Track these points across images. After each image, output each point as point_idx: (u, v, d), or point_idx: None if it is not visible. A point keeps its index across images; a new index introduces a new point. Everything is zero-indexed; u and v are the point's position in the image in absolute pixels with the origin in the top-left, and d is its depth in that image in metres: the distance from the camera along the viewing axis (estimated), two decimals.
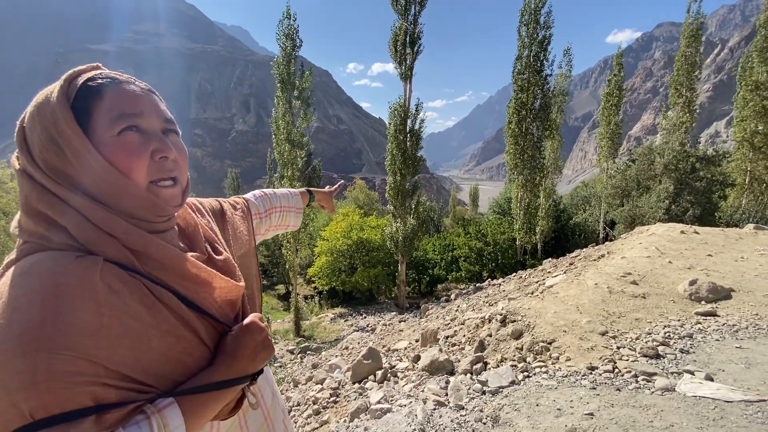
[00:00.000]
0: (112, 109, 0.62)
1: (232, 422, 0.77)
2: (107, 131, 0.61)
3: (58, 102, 0.60)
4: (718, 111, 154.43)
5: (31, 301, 0.52)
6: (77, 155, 0.60)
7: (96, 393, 0.53)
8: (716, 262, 4.87)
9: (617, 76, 19.43)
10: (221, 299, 0.71)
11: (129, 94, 0.64)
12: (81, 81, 0.62)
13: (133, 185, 0.63)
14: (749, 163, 15.92)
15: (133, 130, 0.63)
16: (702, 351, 3.00)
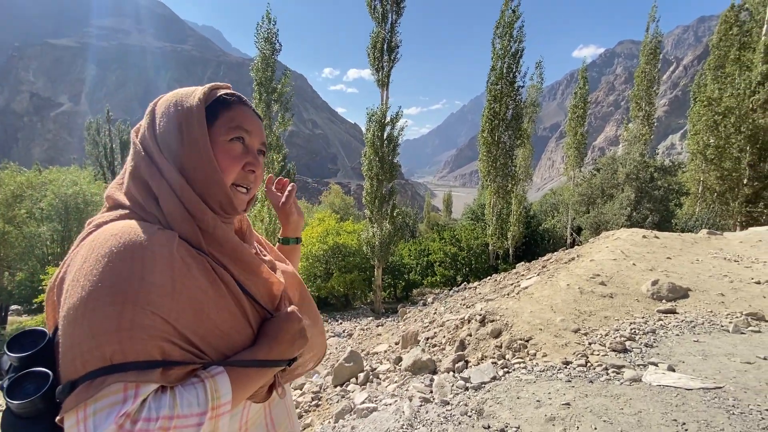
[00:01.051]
0: (233, 120, 0.77)
1: (258, 409, 0.82)
2: (223, 135, 0.76)
3: (198, 103, 0.75)
4: (674, 124, 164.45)
5: (123, 259, 0.60)
6: (194, 144, 0.73)
7: (165, 348, 0.60)
8: (675, 264, 5.24)
9: (582, 89, 20.46)
10: (265, 289, 0.79)
11: (248, 113, 0.80)
12: (219, 93, 0.78)
13: (222, 183, 0.76)
14: (702, 173, 17.09)
15: (240, 141, 0.78)
16: (664, 345, 3.25)
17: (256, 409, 0.81)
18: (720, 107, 15.83)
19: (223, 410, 0.63)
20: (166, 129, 0.74)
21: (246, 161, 0.79)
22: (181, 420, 0.58)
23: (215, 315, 0.68)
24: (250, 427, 0.79)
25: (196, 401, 0.60)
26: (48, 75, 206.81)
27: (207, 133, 0.74)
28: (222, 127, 0.76)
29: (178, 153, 0.73)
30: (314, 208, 27.62)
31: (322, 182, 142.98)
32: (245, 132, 0.78)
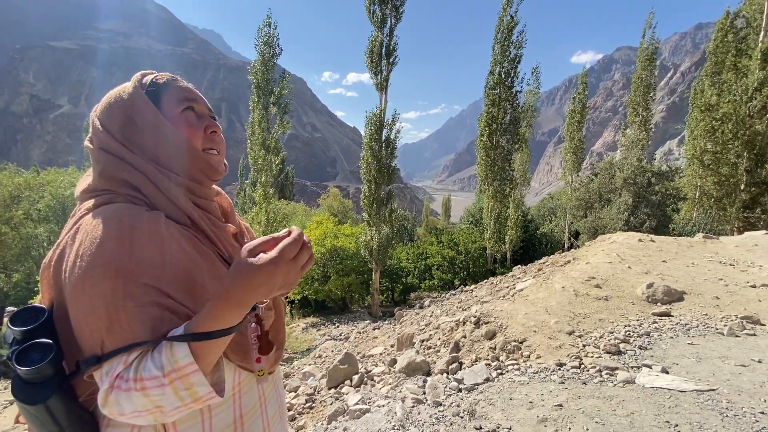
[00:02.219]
0: (177, 95, 0.82)
1: (251, 388, 0.84)
2: (174, 109, 0.81)
3: (134, 91, 0.79)
4: (672, 130, 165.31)
5: (114, 239, 0.66)
6: (152, 126, 0.77)
7: (156, 314, 0.66)
8: (670, 267, 5.24)
9: (581, 94, 20.54)
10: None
11: (186, 86, 0.85)
12: (149, 78, 0.82)
13: (193, 148, 0.81)
14: (699, 179, 17.14)
15: (191, 110, 0.83)
16: (658, 347, 3.24)
17: (250, 391, 0.83)
18: (717, 113, 15.92)
19: (187, 371, 0.62)
20: (119, 124, 0.78)
21: (205, 124, 0.83)
22: (145, 382, 0.62)
23: (210, 284, 0.73)
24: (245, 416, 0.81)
25: (155, 365, 0.63)
26: (48, 77, 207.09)
27: (159, 113, 0.79)
28: (169, 103, 0.81)
29: (142, 142, 0.78)
30: (312, 211, 27.59)
31: (321, 185, 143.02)
32: (191, 101, 0.83)
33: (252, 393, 0.84)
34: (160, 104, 0.80)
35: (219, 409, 0.78)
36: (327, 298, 15.92)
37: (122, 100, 0.79)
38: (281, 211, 13.80)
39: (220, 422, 0.77)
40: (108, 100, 0.80)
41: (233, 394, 0.80)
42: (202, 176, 0.82)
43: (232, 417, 0.80)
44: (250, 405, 0.83)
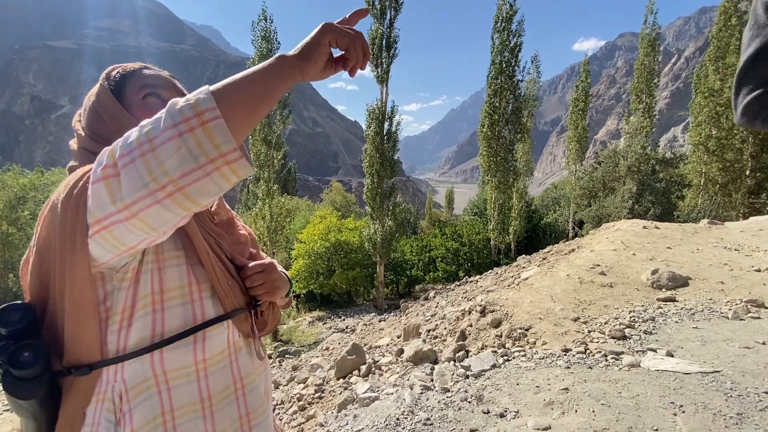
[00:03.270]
0: (139, 81, 0.80)
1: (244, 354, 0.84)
2: (134, 96, 0.79)
3: (99, 85, 0.80)
4: (676, 117, 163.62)
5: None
6: (113, 117, 0.77)
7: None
8: (675, 253, 5.25)
9: (584, 82, 20.36)
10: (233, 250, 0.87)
11: (152, 72, 0.83)
12: (117, 71, 0.82)
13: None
14: (704, 165, 17.02)
15: (154, 96, 0.80)
16: (663, 332, 3.27)
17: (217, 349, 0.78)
18: (722, 98, 15.75)
19: (208, 116, 0.56)
20: (89, 120, 0.79)
21: None
22: (156, 140, 0.56)
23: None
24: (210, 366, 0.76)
25: (168, 116, 0.58)
26: (48, 77, 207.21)
27: (116, 100, 0.78)
28: (130, 92, 0.80)
29: (103, 132, 0.77)
30: (315, 206, 27.66)
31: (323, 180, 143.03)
32: (156, 87, 0.81)
33: (246, 361, 0.83)
34: (123, 94, 0.79)
35: (178, 381, 0.73)
36: (332, 291, 16.03)
37: (91, 96, 0.80)
38: (285, 207, 13.84)
39: (183, 396, 0.73)
40: (85, 103, 0.81)
41: (229, 353, 0.79)
42: None
43: (231, 379, 0.79)
44: (247, 370, 0.82)
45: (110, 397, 0.69)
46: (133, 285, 0.69)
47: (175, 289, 0.72)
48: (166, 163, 0.54)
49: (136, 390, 0.69)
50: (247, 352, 0.84)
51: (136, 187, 0.54)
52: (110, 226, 0.58)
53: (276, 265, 0.90)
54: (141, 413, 0.69)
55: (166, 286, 0.71)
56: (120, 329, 0.68)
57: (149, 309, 0.70)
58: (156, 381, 0.70)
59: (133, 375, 0.69)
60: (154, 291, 0.70)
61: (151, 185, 0.54)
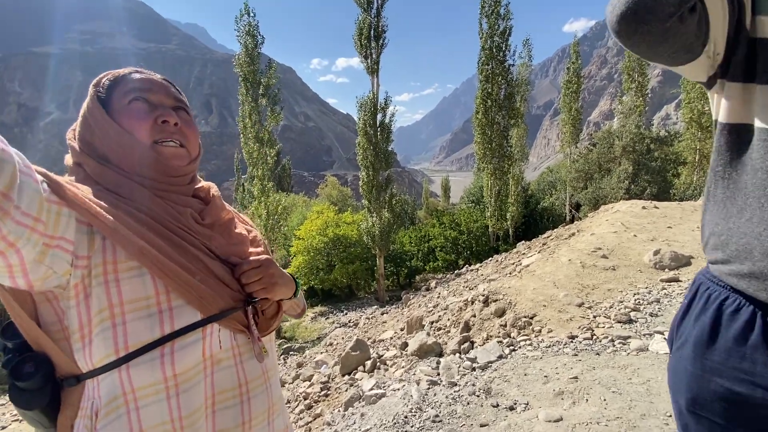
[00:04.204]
0: (125, 86, 0.77)
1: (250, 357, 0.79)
2: (120, 101, 0.76)
3: (90, 92, 0.77)
4: (668, 95, 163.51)
5: None
6: (98, 124, 0.74)
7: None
8: (676, 233, 5.22)
9: (575, 63, 20.21)
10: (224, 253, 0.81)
11: (141, 76, 0.79)
12: (106, 78, 0.79)
13: (137, 143, 0.74)
14: (698, 142, 17.01)
15: (140, 100, 0.76)
16: (669, 313, 3.24)
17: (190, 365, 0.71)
18: None
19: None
20: (80, 129, 0.77)
21: (156, 115, 0.76)
22: None
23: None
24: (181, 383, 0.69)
25: None
26: (34, 84, 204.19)
27: (101, 107, 0.75)
28: (118, 96, 0.76)
29: (92, 142, 0.75)
30: (312, 202, 27.54)
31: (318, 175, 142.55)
32: (143, 91, 0.77)
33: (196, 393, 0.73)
34: (111, 99, 0.76)
35: (147, 400, 0.68)
36: (333, 286, 16.02)
37: (83, 106, 0.78)
38: (280, 204, 13.75)
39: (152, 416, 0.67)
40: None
41: (204, 368, 0.72)
42: (154, 173, 0.75)
43: (203, 396, 0.72)
44: (222, 386, 0.75)
45: (88, 414, 0.68)
46: (84, 301, 0.66)
47: (138, 300, 0.67)
48: None
49: (107, 408, 0.67)
50: (229, 365, 0.76)
51: None
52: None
53: (273, 262, 0.86)
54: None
55: (126, 297, 0.67)
56: (83, 347, 0.66)
57: (108, 324, 0.65)
58: (125, 399, 0.67)
59: (106, 392, 0.67)
60: (113, 304, 0.66)
61: None
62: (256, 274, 0.80)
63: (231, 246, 0.83)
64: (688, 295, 0.72)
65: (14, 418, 7.48)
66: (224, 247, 0.81)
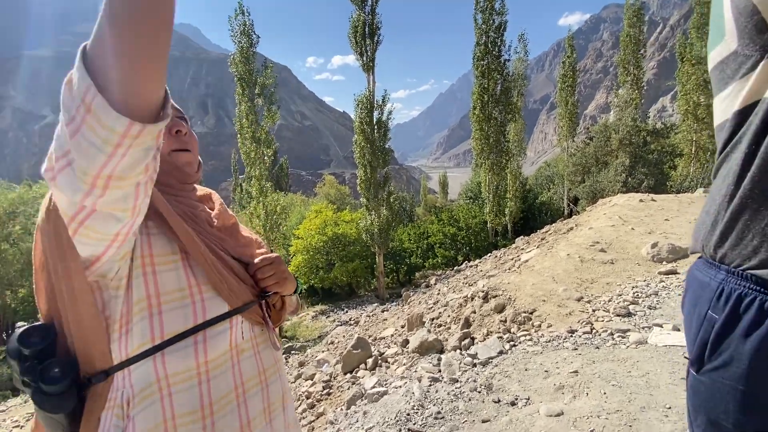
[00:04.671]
0: None
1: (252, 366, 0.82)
2: None
3: None
4: (664, 87, 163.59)
5: None
6: None
7: None
8: (673, 225, 5.25)
9: (570, 57, 20.18)
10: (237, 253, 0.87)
11: None
12: None
13: (163, 152, 0.78)
14: (694, 133, 17.05)
15: None
16: (667, 305, 3.27)
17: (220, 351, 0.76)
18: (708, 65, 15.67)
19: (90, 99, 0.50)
20: None
21: (169, 126, 0.82)
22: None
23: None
24: (211, 369, 0.75)
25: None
26: (28, 88, 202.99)
27: None
28: None
29: None
30: (310, 201, 27.52)
31: (316, 174, 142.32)
32: None
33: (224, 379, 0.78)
34: None
35: (180, 387, 0.72)
36: (333, 285, 16.03)
37: None
38: (279, 204, 13.73)
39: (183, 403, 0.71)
40: None
41: (231, 356, 0.78)
42: (170, 179, 0.80)
43: (233, 384, 0.77)
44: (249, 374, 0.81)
45: (119, 403, 0.70)
46: (126, 291, 0.69)
47: (173, 292, 0.72)
48: (82, 164, 0.51)
49: (141, 395, 0.70)
50: (250, 354, 0.83)
51: (73, 189, 0.53)
52: (84, 221, 0.58)
53: (282, 259, 0.94)
54: (143, 421, 0.69)
55: (162, 289, 0.71)
56: (120, 337, 0.69)
57: (145, 313, 0.70)
58: (159, 386, 0.70)
59: (138, 380, 0.70)
60: (150, 295, 0.70)
61: (82, 187, 0.53)
62: (270, 269, 0.87)
63: (240, 247, 0.89)
64: (719, 306, 0.61)
65: (15, 425, 7.49)
66: (234, 249, 0.87)
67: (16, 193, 19.55)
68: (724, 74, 0.61)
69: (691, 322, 0.65)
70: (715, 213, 0.63)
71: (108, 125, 0.49)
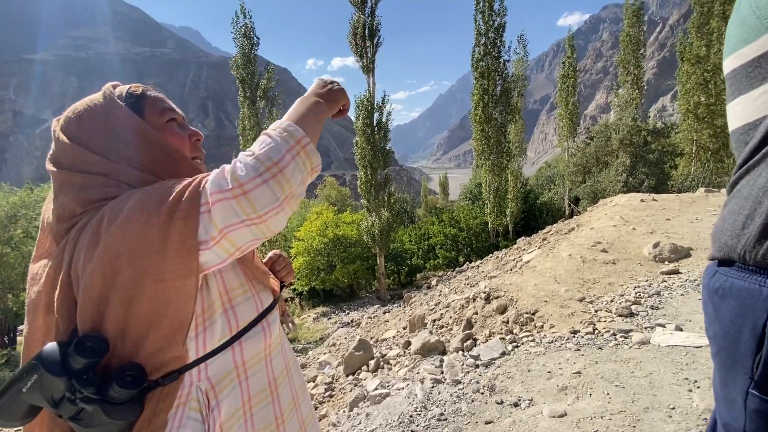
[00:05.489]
0: (156, 105, 0.83)
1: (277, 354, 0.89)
2: (158, 120, 0.82)
3: (110, 101, 0.78)
4: (664, 86, 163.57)
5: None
6: (136, 135, 0.77)
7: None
8: (674, 225, 5.24)
9: (570, 58, 20.20)
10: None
11: (161, 95, 0.87)
12: (123, 89, 0.83)
13: (185, 158, 0.83)
14: (695, 133, 17.03)
15: (173, 120, 0.85)
16: (670, 305, 3.26)
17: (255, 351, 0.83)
18: (708, 65, 15.68)
19: (305, 142, 0.73)
20: (101, 138, 0.76)
21: (189, 133, 0.86)
22: (280, 163, 0.70)
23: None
24: (249, 368, 0.81)
25: (276, 148, 0.71)
26: (29, 92, 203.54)
27: (144, 122, 0.79)
28: (153, 114, 0.82)
29: (128, 153, 0.76)
30: (310, 202, 27.52)
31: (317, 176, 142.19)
32: (172, 111, 0.85)
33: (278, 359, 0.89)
34: (143, 115, 0.81)
35: (253, 369, 0.81)
36: (334, 286, 16.02)
37: (97, 111, 0.77)
38: None
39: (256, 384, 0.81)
40: (77, 113, 0.77)
41: (281, 339, 0.90)
42: None
43: (284, 362, 0.89)
44: (289, 353, 0.94)
45: (195, 397, 0.73)
46: (203, 290, 0.74)
47: (237, 288, 0.81)
48: (291, 180, 0.69)
49: (221, 384, 0.75)
50: (284, 336, 0.97)
51: (269, 201, 0.66)
52: (230, 233, 0.66)
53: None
54: (227, 405, 0.75)
55: (229, 286, 0.79)
56: (197, 335, 0.73)
57: (221, 309, 0.76)
58: (237, 373, 0.77)
59: (217, 371, 0.75)
60: (221, 292, 0.77)
61: (280, 197, 0.67)
62: (283, 261, 1.03)
63: None
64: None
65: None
66: None
67: (17, 196, 19.59)
68: (763, 69, 0.56)
69: (739, 336, 0.57)
70: (750, 209, 0.56)
71: (312, 160, 0.74)
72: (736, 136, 0.61)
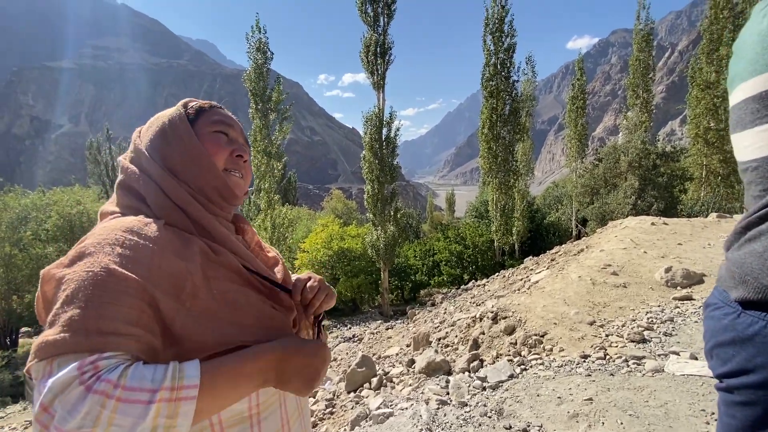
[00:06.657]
0: (213, 117, 0.85)
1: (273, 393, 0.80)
2: (206, 128, 0.83)
3: (178, 110, 0.84)
4: (673, 110, 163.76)
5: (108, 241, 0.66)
6: (180, 140, 0.80)
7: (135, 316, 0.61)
8: (686, 249, 5.15)
9: (580, 80, 20.34)
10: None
11: (226, 113, 0.89)
12: (194, 104, 0.86)
13: (214, 165, 0.81)
14: (704, 157, 16.93)
15: (222, 133, 0.85)
16: (683, 333, 3.17)
17: (270, 393, 0.79)
18: (718, 90, 15.69)
19: (185, 394, 0.57)
20: (153, 137, 0.81)
21: (233, 147, 0.85)
22: (126, 392, 0.54)
23: (202, 292, 0.69)
24: (262, 411, 0.77)
25: (150, 377, 0.56)
26: (47, 97, 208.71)
27: (189, 126, 0.81)
28: (204, 123, 0.83)
29: (166, 154, 0.80)
30: (317, 214, 27.59)
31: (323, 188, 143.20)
32: (227, 126, 0.85)
33: (292, 397, 0.85)
34: (196, 122, 0.84)
35: (267, 412, 0.77)
36: (337, 300, 15.89)
37: (164, 118, 0.83)
38: (286, 217, 13.78)
39: (269, 427, 0.76)
40: (153, 119, 0.86)
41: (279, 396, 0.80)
42: (217, 196, 0.82)
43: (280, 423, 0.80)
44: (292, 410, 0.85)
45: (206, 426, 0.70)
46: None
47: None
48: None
49: (232, 429, 0.72)
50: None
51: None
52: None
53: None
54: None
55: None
56: None
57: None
58: (249, 414, 0.74)
59: (230, 415, 0.71)
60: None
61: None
62: (325, 290, 0.91)
63: (267, 267, 0.91)
64: None
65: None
66: (263, 269, 0.87)
67: (29, 199, 19.87)
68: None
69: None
70: None
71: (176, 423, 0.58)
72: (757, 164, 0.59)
